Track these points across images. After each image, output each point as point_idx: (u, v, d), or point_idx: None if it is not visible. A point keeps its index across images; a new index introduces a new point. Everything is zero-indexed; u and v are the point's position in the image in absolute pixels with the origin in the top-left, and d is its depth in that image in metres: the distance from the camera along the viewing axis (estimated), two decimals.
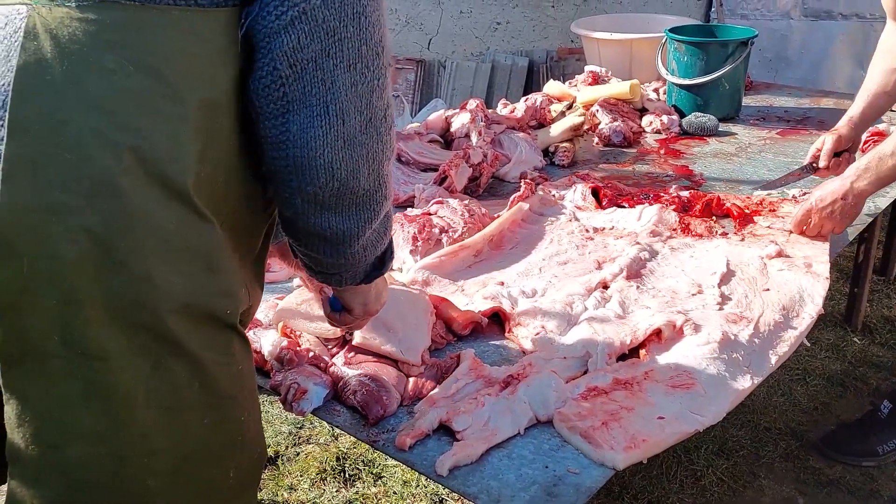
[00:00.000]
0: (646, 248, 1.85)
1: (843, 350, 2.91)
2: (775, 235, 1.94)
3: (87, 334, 0.93)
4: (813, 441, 2.46)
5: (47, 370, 0.94)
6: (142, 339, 0.95)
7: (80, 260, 0.90)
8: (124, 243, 0.92)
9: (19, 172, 0.88)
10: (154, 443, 0.99)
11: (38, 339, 0.93)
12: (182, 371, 0.99)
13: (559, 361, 1.46)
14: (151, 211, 0.93)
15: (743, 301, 1.66)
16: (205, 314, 1.01)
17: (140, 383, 0.96)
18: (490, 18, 5.25)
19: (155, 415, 0.98)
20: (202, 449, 1.04)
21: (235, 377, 1.07)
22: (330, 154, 1.01)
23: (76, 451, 0.96)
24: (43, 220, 0.89)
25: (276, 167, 1.03)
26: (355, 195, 1.06)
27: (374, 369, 1.41)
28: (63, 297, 0.91)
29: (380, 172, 1.07)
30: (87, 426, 0.96)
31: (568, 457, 1.26)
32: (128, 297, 0.93)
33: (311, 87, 0.98)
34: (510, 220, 2.00)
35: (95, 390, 0.95)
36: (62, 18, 0.90)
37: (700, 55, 2.82)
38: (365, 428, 1.34)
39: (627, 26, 3.56)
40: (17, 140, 0.89)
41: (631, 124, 2.73)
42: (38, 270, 0.90)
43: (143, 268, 0.93)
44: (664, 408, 1.33)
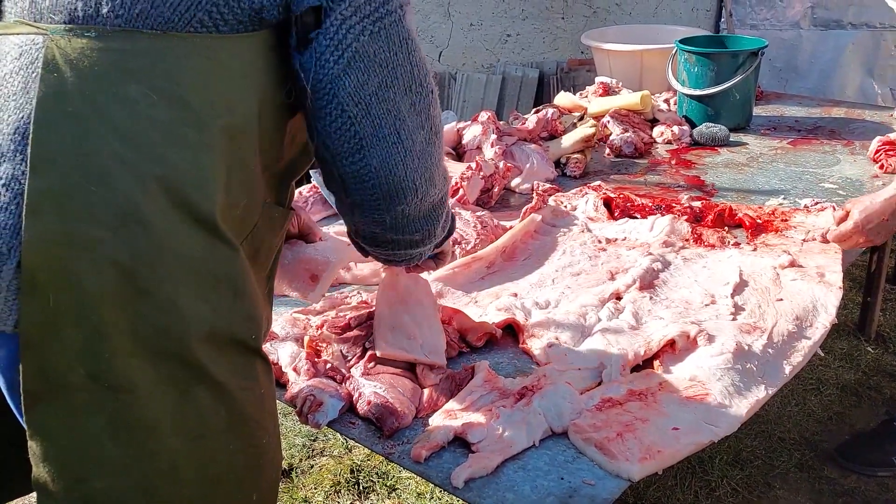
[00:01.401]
0: (658, 259, 1.85)
1: (856, 359, 2.90)
2: (788, 245, 1.94)
3: (114, 367, 0.92)
4: (828, 451, 2.45)
5: (73, 404, 0.92)
6: (168, 369, 0.95)
7: (106, 292, 0.90)
8: (151, 273, 0.92)
9: (44, 206, 0.88)
10: (182, 472, 0.99)
11: (64, 374, 0.91)
12: (208, 398, 0.99)
13: (573, 373, 1.46)
14: (177, 239, 0.93)
15: (756, 311, 1.66)
16: (230, 340, 1.01)
17: (167, 413, 0.96)
18: (500, 30, 5.28)
19: (182, 443, 0.98)
20: (227, 474, 1.04)
21: (258, 401, 1.07)
22: (412, 175, 1.08)
23: (103, 484, 0.95)
24: (69, 253, 0.88)
25: (363, 198, 1.10)
26: (434, 197, 1.15)
27: (390, 381, 1.42)
28: (89, 330, 0.90)
29: (444, 168, 1.17)
30: (114, 459, 0.95)
31: (583, 468, 1.26)
32: (155, 327, 0.93)
33: (380, 119, 1.04)
34: (523, 231, 2.01)
35: (122, 422, 0.94)
36: (82, 49, 0.91)
37: (710, 66, 2.82)
38: (380, 440, 1.34)
39: (637, 37, 3.57)
40: (41, 173, 0.88)
41: (642, 135, 2.74)
42: (64, 304, 0.89)
43: (171, 297, 0.93)
44: (679, 419, 1.34)
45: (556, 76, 5.24)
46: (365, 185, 1.07)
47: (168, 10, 0.93)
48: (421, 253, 1.26)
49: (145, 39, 0.92)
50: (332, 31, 0.99)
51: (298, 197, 2.16)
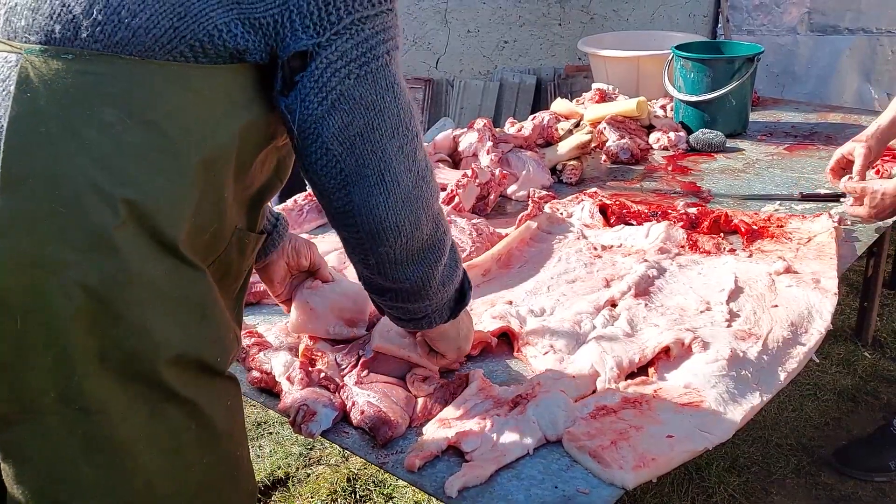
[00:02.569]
0: (654, 266, 1.85)
1: (853, 365, 2.90)
2: (783, 251, 1.94)
3: (84, 389, 0.92)
4: (825, 456, 2.45)
5: (45, 427, 0.92)
6: (137, 389, 0.95)
7: (75, 315, 0.89)
8: (120, 297, 0.91)
9: (14, 227, 0.87)
10: (159, 489, 0.99)
11: (34, 397, 0.91)
12: (178, 414, 1.00)
13: (568, 381, 1.46)
14: (146, 264, 0.93)
15: (751, 318, 1.66)
16: (196, 362, 1.01)
17: (140, 431, 0.96)
18: (497, 37, 5.29)
19: (157, 460, 0.99)
20: (205, 488, 1.05)
21: (228, 414, 1.08)
22: (394, 216, 1.09)
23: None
24: (37, 275, 0.88)
25: (348, 234, 1.13)
26: (421, 242, 1.15)
27: (384, 390, 1.42)
28: (58, 352, 0.90)
29: (434, 214, 1.16)
30: (90, 480, 0.95)
31: (577, 476, 1.26)
32: (124, 350, 0.93)
33: (364, 159, 1.05)
34: (518, 238, 2.01)
35: (96, 444, 0.94)
36: (58, 70, 0.90)
37: (707, 72, 2.83)
38: (374, 449, 1.34)
39: (634, 44, 3.58)
40: (11, 194, 0.87)
41: (638, 141, 2.74)
42: (33, 327, 0.89)
43: (140, 320, 0.93)
44: (673, 426, 1.34)
45: (553, 83, 5.25)
46: (348, 221, 1.10)
47: (150, 40, 0.93)
48: (427, 315, 1.28)
49: (123, 65, 0.92)
50: (317, 75, 1.00)
51: (293, 205, 2.16)
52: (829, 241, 1.96)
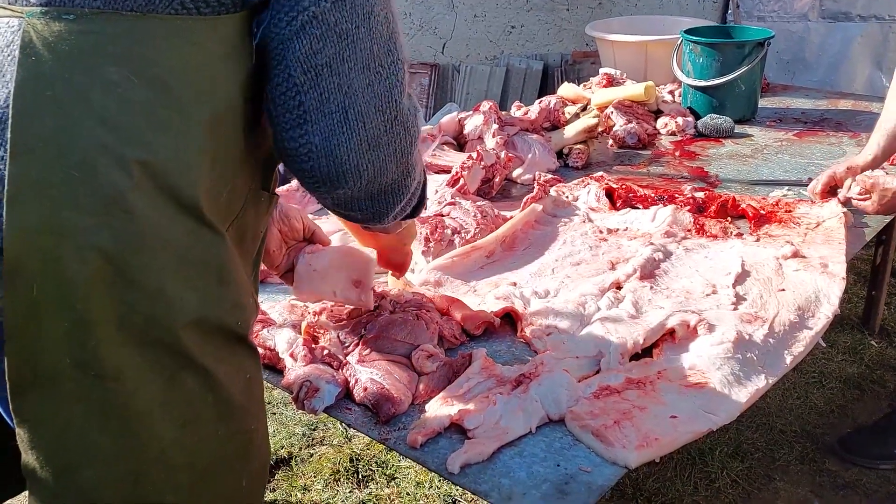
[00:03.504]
0: (660, 249, 1.84)
1: (860, 353, 2.89)
2: (791, 236, 1.93)
3: (100, 355, 0.90)
4: (830, 443, 2.44)
5: (60, 393, 0.91)
6: (155, 356, 0.94)
7: (91, 280, 0.88)
8: (136, 260, 0.90)
9: (25, 194, 0.86)
10: (172, 458, 0.97)
11: (50, 363, 0.90)
12: (195, 384, 0.98)
13: (571, 361, 1.45)
14: (163, 226, 0.91)
15: (758, 301, 1.65)
16: (217, 327, 0.99)
17: (155, 400, 0.95)
18: (504, 22, 5.26)
19: (171, 430, 0.96)
20: (217, 461, 1.03)
21: (246, 387, 1.06)
22: (355, 158, 1.01)
23: (92, 473, 0.94)
24: (52, 241, 0.86)
25: (302, 177, 1.06)
26: (383, 186, 1.08)
27: (386, 368, 1.41)
28: (74, 318, 0.89)
29: (408, 162, 1.10)
30: (103, 447, 0.94)
31: (580, 455, 1.25)
32: (141, 315, 0.91)
33: (328, 93, 0.98)
34: (523, 221, 2.00)
35: (110, 411, 0.93)
36: (60, 32, 0.87)
37: (716, 56, 2.80)
38: (376, 426, 1.34)
39: (643, 28, 3.55)
40: (21, 160, 0.86)
41: (646, 126, 2.72)
42: (49, 293, 0.88)
43: (157, 284, 0.91)
44: (677, 407, 1.33)
45: (560, 68, 5.22)
46: (305, 164, 1.02)
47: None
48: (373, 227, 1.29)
49: (125, 21, 0.90)
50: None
51: (296, 186, 2.15)
52: (837, 226, 1.95)
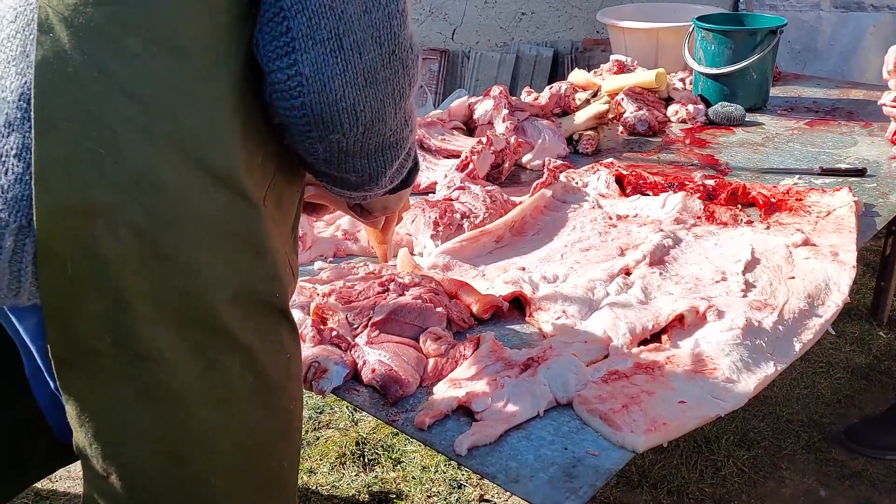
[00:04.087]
0: (669, 236, 1.83)
1: (868, 344, 2.88)
2: (801, 224, 1.92)
3: (139, 334, 0.89)
4: (836, 433, 2.44)
5: (101, 371, 0.90)
6: (194, 336, 0.92)
7: (125, 257, 0.87)
8: (170, 236, 0.88)
9: (53, 173, 0.84)
10: (214, 440, 0.97)
11: (89, 341, 0.89)
12: (236, 365, 0.96)
13: (580, 345, 1.45)
14: (195, 199, 0.89)
15: (767, 288, 1.64)
16: (255, 301, 0.98)
17: (195, 381, 0.93)
18: (515, 9, 5.23)
19: (212, 412, 0.95)
20: (259, 442, 1.02)
21: (285, 366, 1.04)
22: (352, 95, 0.92)
23: (138, 451, 0.94)
24: (83, 219, 0.85)
25: (291, 118, 0.94)
26: (382, 137, 0.99)
27: (395, 350, 1.41)
28: (111, 297, 0.87)
29: (406, 107, 0.99)
30: (145, 426, 0.93)
31: (587, 439, 1.25)
32: (177, 291, 0.90)
33: (319, 17, 0.89)
34: (532, 206, 2.00)
35: (151, 391, 0.92)
36: (75, 5, 0.85)
37: (728, 44, 2.78)
38: (384, 408, 1.34)
39: (654, 15, 3.53)
40: (47, 139, 0.84)
41: (656, 113, 2.71)
42: (83, 272, 0.86)
43: (192, 259, 0.90)
44: (685, 392, 1.33)
45: (570, 56, 5.20)
46: (294, 101, 0.92)
47: None
48: (366, 197, 1.15)
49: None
50: None
51: None
52: (848, 214, 1.94)
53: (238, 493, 1.01)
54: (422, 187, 2.19)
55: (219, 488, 0.98)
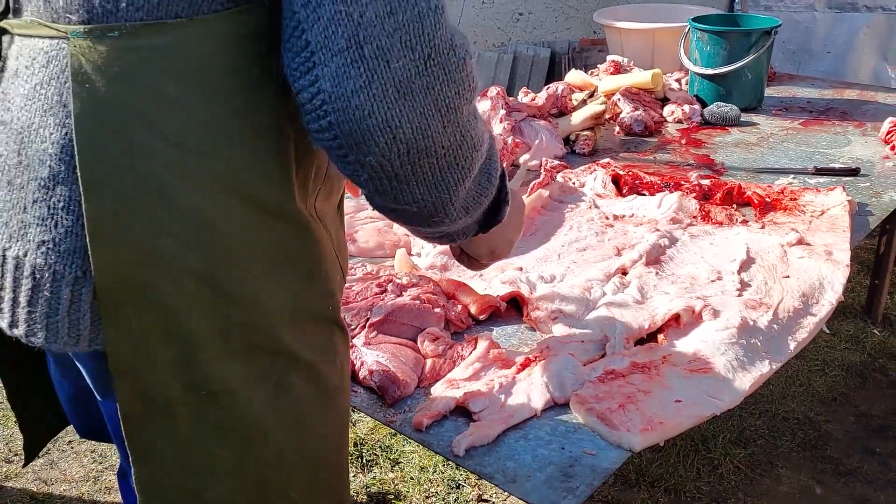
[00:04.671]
0: (665, 235, 1.85)
1: (862, 342, 2.89)
2: (796, 223, 1.93)
3: (209, 373, 0.89)
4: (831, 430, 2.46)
5: (174, 420, 0.90)
6: (260, 363, 0.93)
7: (189, 303, 0.86)
8: (229, 274, 0.88)
9: (106, 228, 0.83)
10: (289, 458, 0.97)
11: (162, 391, 0.89)
12: (300, 381, 0.97)
13: (577, 345, 1.46)
14: (250, 235, 0.88)
15: (762, 288, 1.66)
16: (311, 317, 0.98)
17: (266, 406, 0.94)
18: (512, 9, 5.24)
19: (285, 432, 0.96)
20: (325, 447, 1.03)
21: (340, 371, 1.05)
22: (382, 109, 0.81)
23: (218, 491, 0.94)
24: (143, 271, 0.84)
25: (324, 141, 0.86)
26: (435, 156, 0.86)
27: (392, 351, 1.42)
28: (179, 343, 0.87)
29: (458, 120, 0.86)
30: (225, 462, 0.93)
31: (584, 438, 1.26)
32: (240, 325, 0.90)
33: (335, 25, 0.79)
34: (529, 206, 2.00)
35: (227, 425, 0.92)
36: (108, 52, 0.81)
37: (723, 44, 2.80)
38: (382, 408, 1.35)
39: (650, 16, 3.54)
40: (95, 195, 0.83)
41: (652, 114, 2.72)
42: (149, 322, 0.86)
43: (252, 292, 0.90)
44: (681, 391, 1.34)
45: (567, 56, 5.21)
46: (321, 122, 0.83)
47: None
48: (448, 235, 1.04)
49: (171, 30, 0.82)
50: None
51: None
52: (842, 213, 1.95)
53: (315, 495, 1.03)
54: None
55: (296, 499, 1.00)
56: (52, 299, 0.88)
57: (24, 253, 0.88)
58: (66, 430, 1.57)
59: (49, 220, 0.86)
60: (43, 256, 0.87)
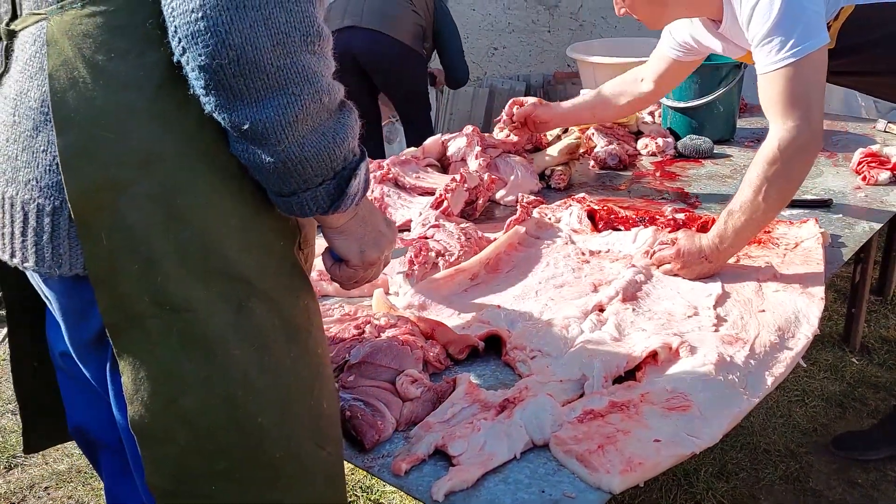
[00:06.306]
0: (641, 271, 1.85)
1: (841, 371, 2.91)
2: (770, 257, 1.95)
3: (171, 290, 1.01)
4: (824, 444, 2.50)
5: (147, 330, 1.01)
6: (219, 286, 1.03)
7: (148, 223, 0.99)
8: (178, 201, 1.00)
9: (75, 161, 0.98)
10: (255, 381, 1.05)
11: (133, 303, 1.01)
12: (262, 310, 1.06)
13: (555, 384, 1.46)
14: (198, 168, 1.00)
15: (738, 322, 1.66)
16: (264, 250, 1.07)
17: (228, 326, 1.04)
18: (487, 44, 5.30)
19: (248, 354, 1.05)
20: (295, 381, 1.10)
21: (305, 312, 1.13)
22: (214, 14, 0.90)
23: (191, 401, 1.03)
24: (108, 195, 0.98)
25: (175, 49, 0.96)
26: (263, 73, 0.94)
27: (371, 393, 1.41)
28: (142, 260, 0.99)
29: (294, 51, 0.94)
30: (193, 375, 1.03)
31: (564, 481, 1.25)
32: (196, 247, 1.01)
33: None
34: (506, 243, 2.01)
35: (192, 341, 1.02)
36: (72, 20, 0.98)
37: (694, 78, 2.83)
38: (360, 454, 1.33)
39: (623, 50, 3.59)
40: (65, 133, 0.98)
41: (626, 147, 2.75)
42: (116, 240, 0.99)
43: (201, 218, 1.01)
44: (660, 430, 1.33)
45: (542, 89, 5.26)
46: (172, 25, 0.94)
47: None
48: (294, 189, 1.04)
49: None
50: None
51: None
52: (815, 246, 1.97)
53: (285, 429, 1.09)
54: (397, 225, 2.20)
55: (266, 426, 1.07)
56: (37, 228, 1.04)
57: (16, 192, 1.05)
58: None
59: (32, 162, 1.03)
60: (29, 192, 1.03)
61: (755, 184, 1.82)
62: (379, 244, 1.20)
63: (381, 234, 1.20)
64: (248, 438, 1.06)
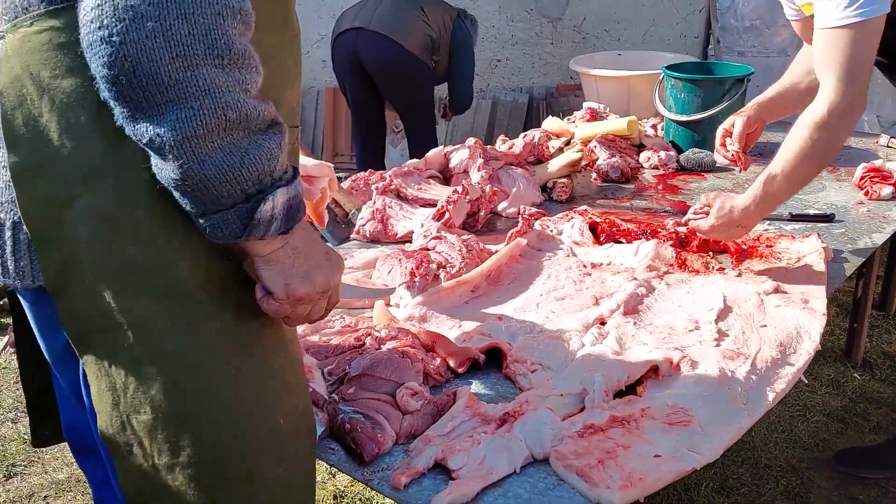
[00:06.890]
0: (643, 284, 1.85)
1: (843, 386, 2.90)
2: (772, 272, 1.94)
3: (120, 305, 1.01)
4: (825, 460, 2.48)
5: (102, 344, 1.03)
6: (169, 303, 1.02)
7: (93, 238, 0.99)
8: (126, 216, 1.00)
9: (25, 177, 1.00)
10: (211, 397, 1.06)
11: (87, 317, 1.02)
12: (213, 326, 1.06)
13: (556, 398, 1.45)
14: (143, 184, 0.99)
15: (740, 337, 1.66)
16: (216, 265, 1.05)
17: (179, 344, 1.03)
18: (490, 56, 5.31)
19: (203, 371, 1.05)
20: (251, 398, 1.09)
21: (258, 326, 1.11)
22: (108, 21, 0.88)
23: (146, 417, 1.04)
24: (54, 211, 1.00)
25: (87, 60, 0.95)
26: (162, 85, 0.90)
27: (371, 406, 1.41)
28: (91, 273, 1.00)
29: (195, 64, 0.90)
30: (145, 391, 1.03)
31: (564, 496, 1.25)
32: (142, 263, 1.01)
33: None
34: (508, 255, 2.01)
35: (143, 356, 1.03)
36: (22, 37, 1.00)
37: (697, 92, 2.84)
38: (360, 466, 1.33)
39: (626, 63, 3.60)
40: (15, 151, 1.00)
41: (629, 160, 2.75)
42: (67, 254, 1.00)
43: (149, 235, 1.01)
44: (661, 445, 1.33)
45: (545, 101, 5.27)
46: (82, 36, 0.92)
47: None
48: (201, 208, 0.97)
49: (65, 13, 0.97)
50: None
51: None
52: (818, 261, 1.97)
53: (241, 446, 1.09)
54: (399, 236, 2.20)
55: (223, 442, 1.07)
56: (1, 242, 1.08)
57: None
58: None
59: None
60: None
61: (802, 147, 1.82)
62: (311, 278, 1.07)
63: (317, 267, 1.08)
64: (204, 454, 1.07)
